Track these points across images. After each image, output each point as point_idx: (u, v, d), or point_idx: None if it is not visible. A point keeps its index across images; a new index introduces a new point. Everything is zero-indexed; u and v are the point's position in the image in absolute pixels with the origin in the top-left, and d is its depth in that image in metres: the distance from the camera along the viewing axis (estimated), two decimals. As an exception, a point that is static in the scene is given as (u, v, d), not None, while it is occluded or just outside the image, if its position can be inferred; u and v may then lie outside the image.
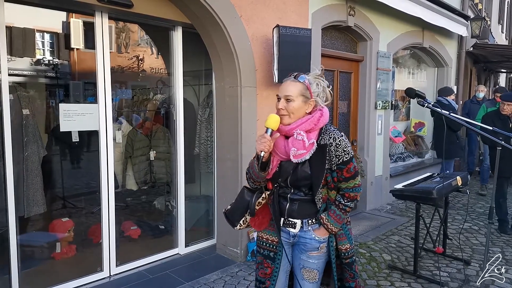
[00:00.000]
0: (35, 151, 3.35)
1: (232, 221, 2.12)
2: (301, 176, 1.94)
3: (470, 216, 5.45)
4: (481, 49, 8.43)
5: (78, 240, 3.79)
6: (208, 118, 4.35)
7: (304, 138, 1.89)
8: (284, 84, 1.98)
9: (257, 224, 2.12)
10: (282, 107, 1.93)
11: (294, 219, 2.03)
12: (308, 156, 1.89)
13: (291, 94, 1.92)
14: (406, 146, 7.23)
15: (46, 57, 4.55)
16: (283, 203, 2.04)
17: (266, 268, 2.12)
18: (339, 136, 1.94)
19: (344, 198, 1.98)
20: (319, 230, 2.01)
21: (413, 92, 2.46)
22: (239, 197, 2.11)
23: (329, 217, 1.98)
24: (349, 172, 1.95)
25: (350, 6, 4.92)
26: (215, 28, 3.57)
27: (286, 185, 2.01)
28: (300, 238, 2.05)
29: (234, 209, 2.12)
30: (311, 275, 2.05)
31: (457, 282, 3.49)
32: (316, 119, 1.93)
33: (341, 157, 1.92)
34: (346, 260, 2.06)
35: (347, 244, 2.06)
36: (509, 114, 4.56)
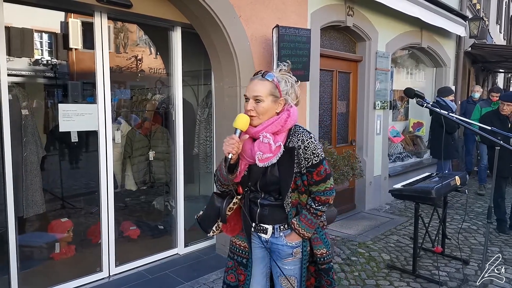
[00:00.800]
0: (34, 151, 3.35)
1: (204, 228, 2.04)
2: (270, 181, 1.86)
3: (469, 215, 5.47)
4: (479, 49, 8.46)
5: (77, 241, 3.79)
6: (207, 118, 4.35)
7: (271, 141, 1.79)
8: (251, 83, 1.87)
9: (230, 230, 2.05)
10: (251, 108, 1.82)
11: (265, 224, 1.95)
12: (275, 160, 1.80)
13: (260, 94, 1.81)
14: (404, 146, 7.25)
15: (44, 57, 4.55)
16: (254, 208, 1.96)
17: (239, 275, 2.05)
18: (307, 138, 1.84)
19: (315, 202, 1.89)
20: (291, 236, 1.93)
21: (412, 92, 2.47)
22: (210, 204, 2.01)
23: (300, 222, 1.89)
24: (319, 175, 1.86)
25: (349, 6, 4.93)
26: (214, 28, 3.57)
27: (256, 190, 1.94)
28: (273, 244, 1.98)
29: (205, 216, 2.03)
30: (287, 282, 1.97)
31: (455, 281, 3.50)
32: (283, 120, 1.83)
33: (310, 160, 1.83)
34: (323, 266, 1.98)
35: (323, 249, 1.98)
36: (509, 114, 4.58)
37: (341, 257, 3.95)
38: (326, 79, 5.11)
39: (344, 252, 4.08)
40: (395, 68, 6.86)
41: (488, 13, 12.15)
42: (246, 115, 1.82)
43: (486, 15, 11.42)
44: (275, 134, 1.83)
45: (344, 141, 5.56)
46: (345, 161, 3.95)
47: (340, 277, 3.55)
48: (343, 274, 3.60)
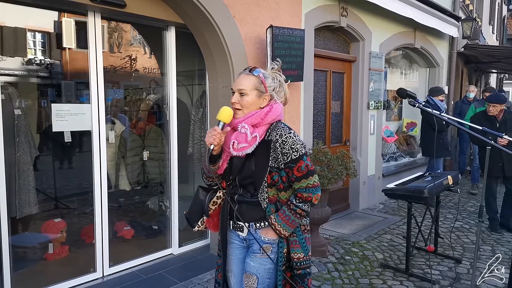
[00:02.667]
0: (27, 151, 3.33)
1: (190, 223, 2.06)
2: (246, 174, 1.87)
3: (461, 215, 5.52)
4: (472, 49, 8.53)
5: (70, 241, 3.77)
6: (201, 118, 4.35)
7: (248, 132, 1.82)
8: (238, 77, 1.92)
9: (213, 226, 2.04)
10: (235, 100, 1.87)
11: (242, 222, 1.92)
12: (249, 150, 1.81)
13: (244, 88, 1.86)
14: (398, 145, 7.30)
15: (37, 57, 4.52)
16: (233, 204, 1.93)
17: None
18: (286, 132, 1.83)
19: (296, 198, 1.84)
20: (265, 230, 1.89)
21: (404, 92, 2.49)
22: (195, 198, 2.04)
23: (277, 217, 1.84)
24: (300, 171, 1.82)
25: (342, 7, 4.96)
26: (208, 28, 3.58)
27: (236, 184, 1.94)
28: (250, 241, 1.95)
29: (191, 210, 2.05)
30: (250, 282, 1.89)
31: (448, 280, 3.53)
32: (263, 114, 1.85)
33: (289, 155, 1.81)
34: (298, 271, 1.90)
35: (301, 253, 1.90)
36: (496, 114, 4.64)
37: (335, 256, 3.97)
38: (320, 79, 5.13)
39: (338, 251, 4.10)
40: (388, 68, 6.90)
41: (480, 13, 12.24)
42: (229, 108, 1.86)
43: (479, 16, 11.52)
44: (255, 127, 1.85)
45: (338, 141, 5.58)
46: (339, 161, 3.96)
47: (334, 276, 3.57)
48: (337, 273, 3.62)
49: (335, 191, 4.88)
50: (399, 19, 5.92)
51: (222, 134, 1.83)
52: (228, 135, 1.88)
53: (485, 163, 2.56)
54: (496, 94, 5.02)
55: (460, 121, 2.74)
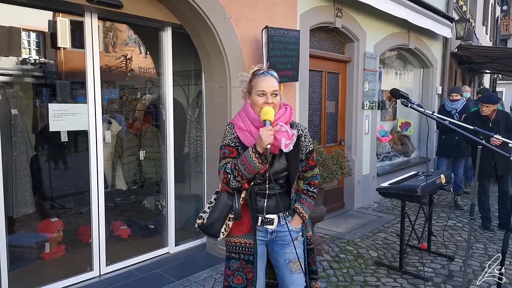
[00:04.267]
0: (24, 151, 3.34)
1: (212, 234, 2.03)
2: (280, 169, 2.00)
3: (454, 213, 5.59)
4: (466, 50, 8.61)
5: (67, 240, 3.78)
6: (197, 118, 4.37)
7: (287, 129, 1.95)
8: (265, 79, 1.99)
9: (244, 228, 2.05)
10: (272, 101, 1.96)
11: (272, 215, 2.05)
12: (291, 146, 1.93)
13: (277, 88, 2.00)
14: (392, 145, 7.36)
15: (32, 56, 4.52)
16: (260, 200, 2.04)
17: (248, 274, 2.05)
18: (303, 128, 2.10)
19: (311, 186, 2.11)
20: (294, 221, 2.08)
21: (397, 92, 2.53)
22: (220, 204, 2.02)
23: (303, 206, 2.07)
24: (313, 161, 2.11)
25: (337, 8, 5.00)
26: (204, 28, 3.60)
27: (263, 181, 2.02)
28: (278, 233, 2.07)
29: (213, 220, 2.02)
30: (297, 266, 2.08)
31: (441, 277, 3.58)
32: (289, 113, 2.04)
33: (308, 147, 2.07)
34: (310, 246, 2.18)
35: (310, 231, 2.20)
36: (488, 114, 4.71)
37: (330, 255, 4.02)
38: (315, 79, 5.17)
39: (333, 250, 4.15)
40: (383, 68, 6.96)
41: (474, 14, 12.35)
42: (271, 108, 1.94)
43: (472, 17, 11.62)
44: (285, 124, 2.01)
45: (333, 141, 5.63)
46: (334, 160, 4.00)
47: (329, 274, 3.61)
48: (332, 271, 3.66)
49: (330, 190, 4.93)
50: (393, 20, 5.98)
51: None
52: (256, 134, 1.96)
53: (477, 162, 2.61)
54: (489, 94, 5.09)
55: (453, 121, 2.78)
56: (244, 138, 1.98)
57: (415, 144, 7.90)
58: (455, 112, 5.74)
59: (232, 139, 2.03)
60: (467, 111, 5.63)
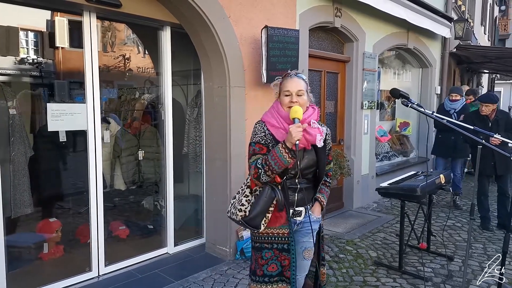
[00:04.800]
0: (22, 151, 3.32)
1: (255, 226, 2.15)
2: (309, 164, 2.19)
3: (454, 213, 5.59)
4: (464, 50, 8.62)
5: (65, 241, 3.77)
6: (196, 118, 4.36)
7: (319, 126, 2.15)
8: (292, 81, 2.17)
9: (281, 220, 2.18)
10: (296, 100, 2.12)
11: (300, 207, 2.24)
12: (322, 141, 2.16)
13: (302, 89, 2.16)
14: (391, 145, 7.36)
15: (30, 56, 4.50)
16: (291, 194, 2.20)
17: (283, 261, 2.18)
18: (325, 127, 2.29)
19: (327, 177, 2.36)
20: (316, 209, 2.30)
21: (398, 92, 2.52)
22: (263, 198, 2.12)
23: (323, 195, 2.32)
24: (331, 156, 2.38)
25: (336, 8, 5.00)
26: (203, 28, 3.59)
27: (294, 175, 2.18)
28: (304, 224, 2.28)
29: (257, 213, 2.13)
30: (310, 253, 2.32)
31: (440, 277, 3.58)
32: (317, 113, 2.23)
33: (329, 143, 2.31)
34: (322, 233, 2.44)
35: (322, 221, 2.42)
36: (488, 114, 4.71)
37: (330, 255, 4.01)
38: (315, 79, 5.17)
39: (333, 250, 4.14)
40: (382, 68, 6.96)
41: (472, 14, 12.37)
42: (299, 107, 2.08)
43: (471, 17, 11.64)
44: None
45: (332, 141, 5.51)
46: (333, 160, 4.00)
47: (329, 274, 3.60)
48: (331, 271, 3.65)
49: (329, 190, 4.92)
50: (392, 20, 5.98)
51: None
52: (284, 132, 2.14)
53: (477, 162, 2.61)
54: (488, 94, 5.09)
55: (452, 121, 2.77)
56: (278, 134, 2.13)
57: (414, 144, 7.91)
58: (454, 112, 5.74)
59: (263, 137, 2.15)
60: (466, 111, 5.63)
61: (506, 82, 22.55)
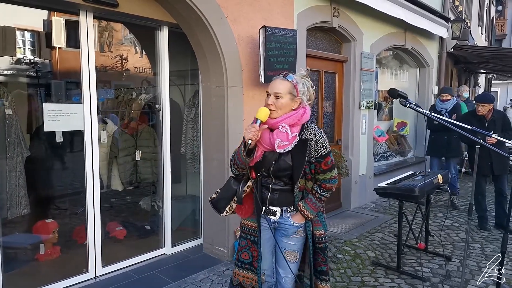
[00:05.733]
0: (18, 151, 3.31)
1: (218, 209, 2.28)
2: (283, 167, 2.14)
3: (451, 213, 5.59)
4: (461, 50, 8.64)
5: (62, 241, 3.75)
6: (194, 118, 4.35)
7: (288, 131, 2.08)
8: (274, 81, 2.17)
9: (243, 212, 2.31)
10: (271, 102, 2.11)
11: (275, 207, 2.23)
12: (290, 147, 2.08)
13: (280, 91, 2.11)
14: (389, 145, 7.36)
15: (27, 56, 4.48)
16: (265, 192, 2.24)
17: (253, 252, 2.32)
18: (318, 132, 2.16)
19: (320, 188, 2.20)
20: (296, 216, 2.23)
21: (396, 92, 2.52)
22: (226, 186, 2.28)
23: (306, 204, 2.19)
24: (327, 165, 2.16)
25: (334, 8, 4.99)
26: (201, 28, 3.58)
27: (268, 175, 2.20)
28: (280, 224, 2.26)
29: (220, 197, 2.28)
30: (292, 256, 2.27)
31: (438, 277, 3.58)
32: (299, 115, 2.13)
33: (320, 151, 2.13)
34: (320, 245, 2.28)
35: (322, 230, 2.30)
36: (484, 114, 4.72)
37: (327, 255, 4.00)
38: (312, 79, 5.05)
39: (330, 250, 4.14)
40: (379, 68, 6.96)
41: (470, 14, 12.40)
42: (267, 108, 2.10)
43: (468, 17, 11.66)
44: (291, 126, 2.12)
45: (330, 141, 5.62)
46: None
47: (326, 274, 3.60)
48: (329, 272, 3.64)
49: (327, 190, 4.91)
50: (389, 20, 5.98)
51: (260, 131, 2.08)
52: (265, 133, 2.14)
53: (475, 161, 2.61)
54: (484, 94, 5.10)
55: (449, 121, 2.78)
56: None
57: (411, 144, 7.91)
58: (445, 112, 5.75)
59: None
60: (457, 111, 5.65)
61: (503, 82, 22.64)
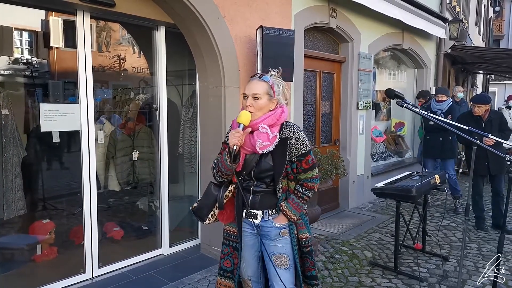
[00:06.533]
0: (15, 152, 3.29)
1: (201, 217, 2.22)
2: (264, 168, 2.08)
3: (449, 213, 5.60)
4: (459, 50, 8.66)
5: (59, 242, 3.74)
6: (191, 118, 4.34)
7: (268, 131, 2.04)
8: (251, 83, 2.13)
9: (225, 218, 2.23)
10: (250, 104, 2.07)
11: (256, 210, 2.15)
12: (271, 147, 2.04)
13: (258, 93, 2.07)
14: (387, 145, 7.37)
15: (24, 56, 4.46)
16: (246, 195, 2.16)
17: (234, 259, 2.25)
18: (298, 130, 2.12)
19: (302, 187, 2.13)
20: (279, 218, 2.14)
21: (393, 92, 2.52)
22: (207, 193, 2.22)
23: (288, 205, 2.11)
24: (307, 164, 2.10)
25: (332, 8, 4.99)
26: (198, 28, 3.57)
27: (250, 178, 2.14)
28: (263, 228, 2.18)
29: (202, 205, 2.22)
30: (282, 261, 2.16)
31: (435, 277, 3.58)
32: (278, 115, 2.10)
33: (300, 149, 2.08)
34: (307, 249, 2.19)
35: (306, 233, 2.20)
36: (481, 114, 4.73)
37: (325, 255, 4.01)
38: (310, 79, 5.16)
39: (328, 250, 4.14)
40: (377, 69, 6.97)
41: (467, 15, 12.43)
42: (248, 112, 2.05)
43: (465, 17, 11.69)
44: (271, 127, 2.07)
45: (328, 141, 5.62)
46: (328, 161, 4.00)
47: (324, 274, 3.60)
48: (326, 272, 3.65)
49: (325, 190, 4.92)
50: (387, 21, 5.99)
51: (244, 135, 2.03)
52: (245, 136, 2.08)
53: (471, 162, 2.61)
54: (481, 94, 5.12)
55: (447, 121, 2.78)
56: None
57: (409, 144, 7.93)
58: (441, 113, 5.69)
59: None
60: (453, 112, 5.63)
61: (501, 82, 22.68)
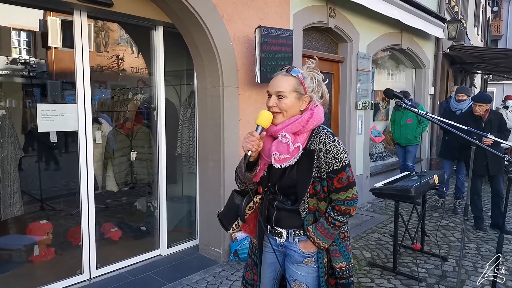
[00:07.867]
0: (12, 152, 3.28)
1: (225, 225, 1.96)
2: (287, 183, 1.76)
3: (447, 213, 5.60)
4: (457, 50, 8.67)
5: (57, 243, 3.72)
6: (190, 118, 4.33)
7: (289, 142, 1.70)
8: (275, 78, 1.77)
9: (249, 231, 1.97)
10: (273, 104, 1.73)
11: (280, 228, 1.85)
12: (292, 161, 1.70)
13: (283, 90, 1.72)
14: (385, 145, 7.37)
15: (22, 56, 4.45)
16: (271, 210, 1.86)
17: (254, 275, 2.01)
18: (330, 140, 1.72)
19: (334, 211, 1.75)
20: (305, 244, 1.81)
21: (391, 92, 2.52)
22: (230, 201, 1.94)
23: (316, 230, 1.76)
24: (340, 183, 1.72)
25: (330, 8, 4.99)
26: (196, 28, 3.56)
27: (275, 191, 1.83)
28: (287, 249, 1.87)
29: (226, 213, 1.96)
30: None
31: (434, 278, 3.58)
32: (304, 120, 1.73)
33: (331, 164, 1.70)
34: (341, 280, 1.84)
35: (343, 262, 1.84)
36: (481, 114, 4.72)
37: (324, 256, 3.99)
38: (309, 79, 5.14)
39: (327, 251, 4.12)
40: (376, 69, 6.97)
41: (466, 15, 12.44)
42: (269, 112, 1.73)
43: (464, 17, 11.70)
44: (296, 135, 1.74)
45: (326, 141, 5.60)
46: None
47: (323, 275, 3.59)
48: (325, 272, 3.64)
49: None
50: (386, 21, 5.99)
51: (261, 140, 1.71)
52: (266, 142, 1.77)
53: (470, 162, 2.61)
54: (481, 94, 5.10)
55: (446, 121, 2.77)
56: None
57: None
58: (460, 113, 5.42)
59: None
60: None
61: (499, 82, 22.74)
